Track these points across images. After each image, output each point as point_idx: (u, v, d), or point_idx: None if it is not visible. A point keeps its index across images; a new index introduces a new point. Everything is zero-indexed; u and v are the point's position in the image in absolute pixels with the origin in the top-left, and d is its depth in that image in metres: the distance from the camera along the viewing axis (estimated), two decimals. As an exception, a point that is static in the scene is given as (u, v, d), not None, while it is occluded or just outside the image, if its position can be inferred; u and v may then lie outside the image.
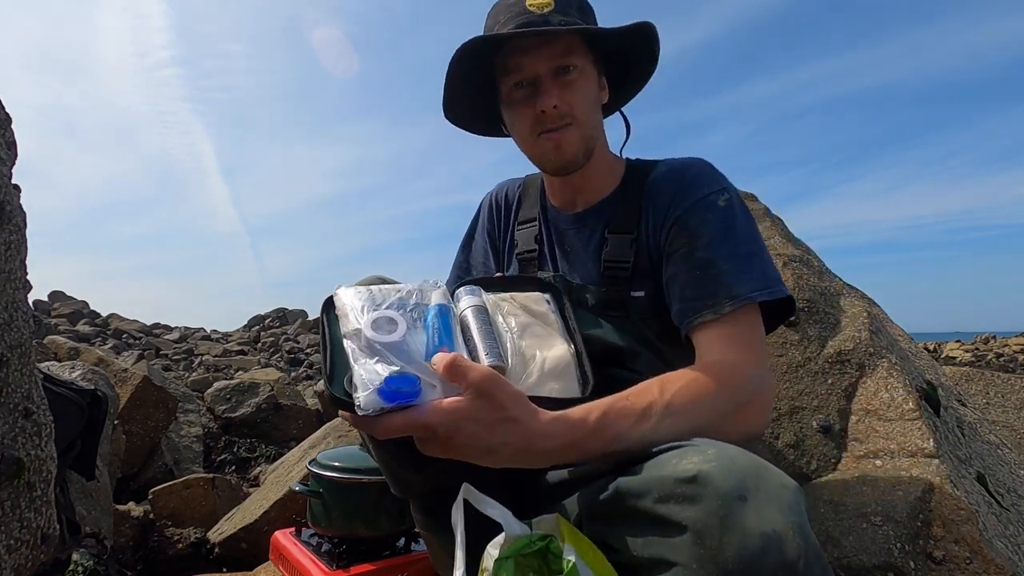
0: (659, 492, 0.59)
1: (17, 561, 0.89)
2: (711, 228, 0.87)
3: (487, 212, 1.18)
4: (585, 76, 0.93)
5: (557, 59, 0.91)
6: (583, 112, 0.93)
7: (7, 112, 1.02)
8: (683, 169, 0.95)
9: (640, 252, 0.94)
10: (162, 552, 1.75)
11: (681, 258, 0.88)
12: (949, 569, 0.99)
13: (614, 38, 0.94)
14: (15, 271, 0.96)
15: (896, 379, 1.27)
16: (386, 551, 1.22)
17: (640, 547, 0.61)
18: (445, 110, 1.02)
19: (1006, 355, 15.81)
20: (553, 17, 0.90)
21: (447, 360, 0.64)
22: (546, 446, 0.66)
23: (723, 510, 0.55)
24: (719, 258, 0.85)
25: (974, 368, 2.73)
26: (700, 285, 0.85)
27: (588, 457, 0.70)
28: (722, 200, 0.89)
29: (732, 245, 0.86)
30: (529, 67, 0.91)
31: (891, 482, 1.10)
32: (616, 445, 0.68)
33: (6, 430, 0.89)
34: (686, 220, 0.89)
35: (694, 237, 0.87)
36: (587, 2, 0.97)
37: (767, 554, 0.53)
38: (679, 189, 0.92)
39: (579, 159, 0.95)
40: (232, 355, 7.72)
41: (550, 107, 0.90)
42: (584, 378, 0.76)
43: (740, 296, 0.82)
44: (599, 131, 0.99)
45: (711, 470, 0.58)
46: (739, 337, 0.82)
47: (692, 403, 0.73)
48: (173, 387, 2.92)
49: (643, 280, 0.93)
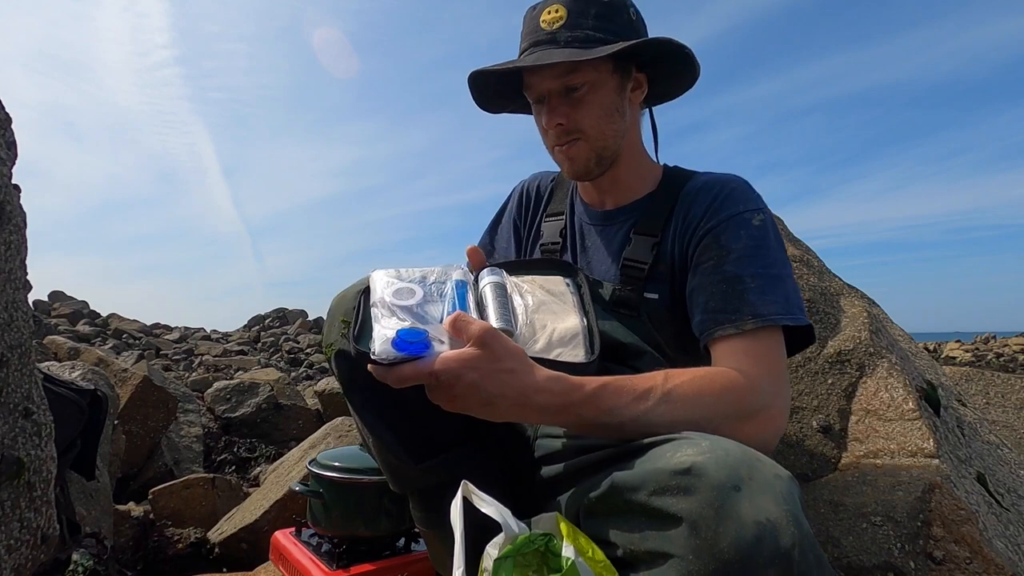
0: (654, 485, 0.60)
1: (17, 561, 0.89)
2: (742, 244, 0.87)
3: (517, 200, 1.20)
4: (597, 89, 0.92)
5: (561, 78, 0.91)
6: (592, 126, 0.93)
7: (7, 112, 1.02)
8: (722, 184, 0.94)
9: (661, 256, 0.94)
10: (162, 552, 1.75)
11: (709, 270, 0.87)
12: (949, 569, 0.99)
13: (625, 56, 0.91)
14: (15, 271, 0.96)
15: (896, 379, 1.27)
16: (386, 551, 1.22)
17: (637, 541, 0.61)
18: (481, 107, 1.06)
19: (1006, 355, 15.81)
20: (560, 34, 0.90)
21: (451, 317, 0.71)
22: (540, 401, 0.69)
23: (718, 500, 0.56)
24: (746, 275, 0.85)
25: (974, 368, 2.73)
26: (724, 299, 0.84)
27: (582, 424, 0.73)
28: (757, 219, 0.89)
29: (761, 265, 0.86)
30: (537, 86, 0.94)
31: (891, 482, 1.10)
32: (609, 418, 0.71)
33: (6, 430, 0.89)
34: (718, 233, 0.89)
35: (724, 251, 0.87)
36: (612, 5, 0.93)
37: (762, 543, 0.53)
38: (715, 202, 0.92)
39: (592, 170, 0.97)
40: (232, 355, 7.72)
41: (553, 126, 0.93)
42: (591, 349, 0.78)
43: (763, 316, 0.82)
44: (620, 138, 0.97)
45: (705, 461, 0.58)
46: (756, 352, 0.81)
47: (693, 396, 0.74)
48: (173, 387, 2.92)
49: (659, 283, 0.94)
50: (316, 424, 3.07)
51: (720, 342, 0.83)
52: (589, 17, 0.91)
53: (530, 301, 0.83)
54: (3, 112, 1.01)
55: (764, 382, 0.78)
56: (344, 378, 0.85)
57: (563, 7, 0.91)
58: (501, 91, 1.03)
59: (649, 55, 0.95)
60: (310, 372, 7.11)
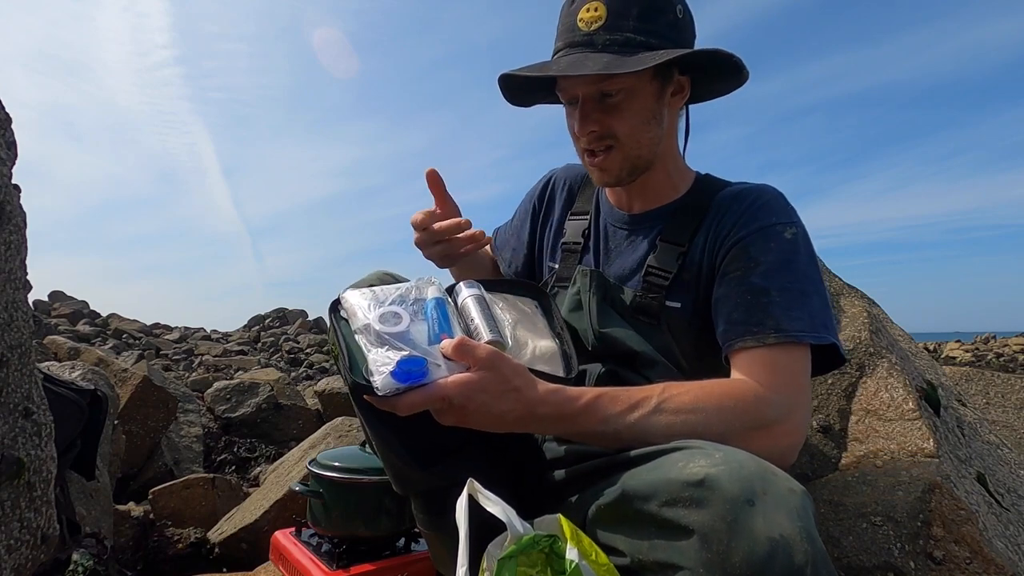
0: (666, 495, 0.59)
1: (17, 561, 0.89)
2: (771, 257, 0.85)
3: (542, 188, 1.18)
4: (634, 96, 0.88)
5: (596, 84, 0.88)
6: (627, 134, 0.90)
7: (7, 112, 1.02)
8: (756, 194, 0.92)
9: (687, 266, 0.92)
10: (162, 552, 1.75)
11: (735, 280, 0.85)
12: (949, 569, 0.99)
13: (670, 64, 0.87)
14: (15, 271, 0.96)
15: (896, 379, 1.27)
16: (386, 551, 1.22)
17: (646, 550, 0.61)
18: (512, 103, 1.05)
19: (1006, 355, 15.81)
20: (598, 36, 0.86)
21: (455, 342, 0.72)
22: (542, 412, 0.73)
23: (731, 515, 0.55)
24: (773, 288, 0.83)
25: (974, 368, 2.73)
26: (748, 311, 0.82)
27: (581, 432, 0.76)
28: (788, 232, 0.87)
29: (789, 279, 0.83)
30: (571, 89, 0.91)
31: (891, 482, 1.10)
32: (604, 426, 0.74)
33: (6, 430, 0.89)
34: (747, 244, 0.86)
35: (752, 262, 0.85)
36: (656, 4, 0.87)
37: (775, 559, 0.53)
38: (747, 212, 0.89)
39: (624, 178, 0.94)
40: (232, 355, 7.72)
41: (587, 133, 0.90)
42: (568, 367, 0.84)
43: (786, 331, 0.80)
44: (655, 144, 0.93)
45: (719, 474, 0.57)
46: (776, 365, 0.80)
47: (690, 406, 0.74)
48: (173, 387, 2.92)
49: (683, 293, 0.92)
50: (316, 424, 3.07)
51: (741, 353, 0.82)
52: (630, 18, 0.86)
53: (508, 317, 0.87)
54: (3, 112, 1.01)
55: (779, 395, 0.77)
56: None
57: (603, 5, 0.86)
58: (534, 85, 1.00)
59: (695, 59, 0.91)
60: (310, 372, 7.10)
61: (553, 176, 1.18)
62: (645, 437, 0.72)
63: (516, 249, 1.20)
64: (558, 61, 0.89)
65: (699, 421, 0.73)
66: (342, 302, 0.82)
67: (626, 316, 0.94)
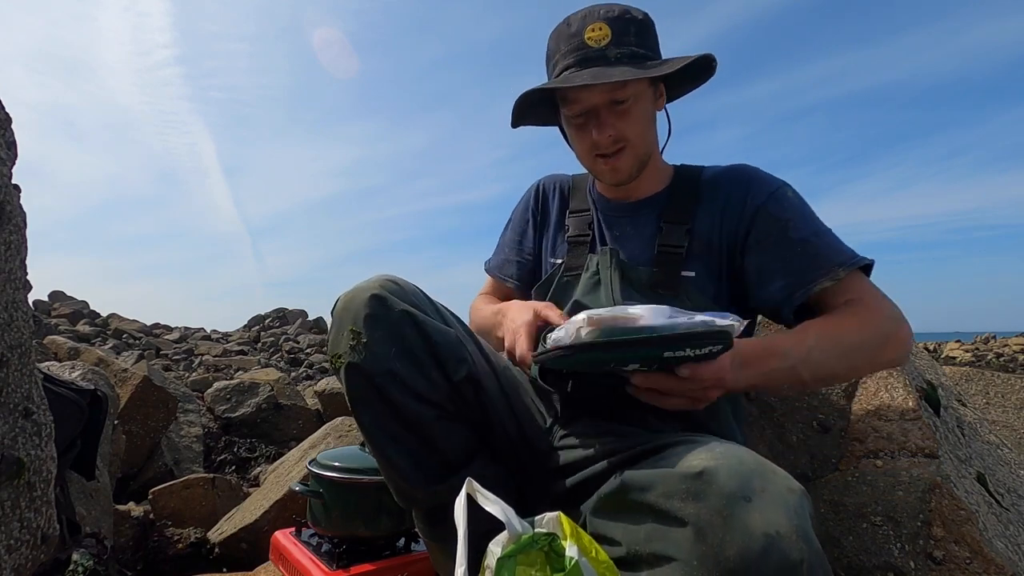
0: (664, 487, 0.59)
1: (17, 561, 0.89)
2: (794, 214, 0.96)
3: (534, 196, 1.23)
4: (640, 100, 0.98)
5: (612, 93, 0.96)
6: (637, 135, 0.99)
7: (7, 112, 1.02)
8: (743, 169, 1.04)
9: (695, 238, 1.01)
10: (162, 552, 1.75)
11: (775, 242, 0.95)
12: (949, 569, 0.99)
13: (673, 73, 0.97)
14: (15, 271, 0.96)
15: (896, 379, 1.27)
16: (386, 551, 1.22)
17: (642, 541, 0.61)
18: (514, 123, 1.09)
19: (1006, 355, 15.80)
20: (610, 51, 0.95)
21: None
22: (746, 351, 0.81)
23: (727, 509, 0.55)
24: (811, 236, 0.94)
25: (974, 368, 2.73)
26: (805, 259, 0.92)
27: (766, 375, 0.83)
28: (790, 192, 0.99)
29: (815, 227, 0.96)
30: (586, 100, 0.97)
31: (891, 482, 1.10)
32: (783, 361, 0.82)
33: (6, 430, 0.89)
34: (767, 209, 0.97)
35: (782, 223, 0.95)
36: (645, 23, 0.99)
37: (769, 555, 0.53)
38: (750, 185, 1.00)
39: (633, 175, 1.03)
40: (232, 355, 7.72)
41: (605, 138, 0.97)
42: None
43: (847, 264, 0.91)
44: (653, 143, 1.05)
45: (717, 468, 0.58)
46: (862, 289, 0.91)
47: (835, 332, 0.86)
48: (173, 387, 2.92)
49: (695, 263, 1.00)
50: (316, 424, 3.07)
51: (824, 295, 0.91)
52: (631, 35, 0.96)
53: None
54: (3, 112, 1.01)
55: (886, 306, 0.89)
56: (355, 395, 0.83)
57: (606, 25, 0.95)
58: (535, 104, 1.06)
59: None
60: (310, 372, 7.10)
61: (542, 183, 1.24)
62: (816, 369, 0.83)
63: (521, 262, 1.22)
64: (580, 74, 0.94)
65: (849, 342, 0.84)
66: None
67: (645, 292, 0.99)
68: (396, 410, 0.82)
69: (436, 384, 0.83)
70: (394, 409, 0.82)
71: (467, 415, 0.88)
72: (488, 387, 0.89)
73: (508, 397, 0.93)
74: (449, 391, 0.85)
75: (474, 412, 0.88)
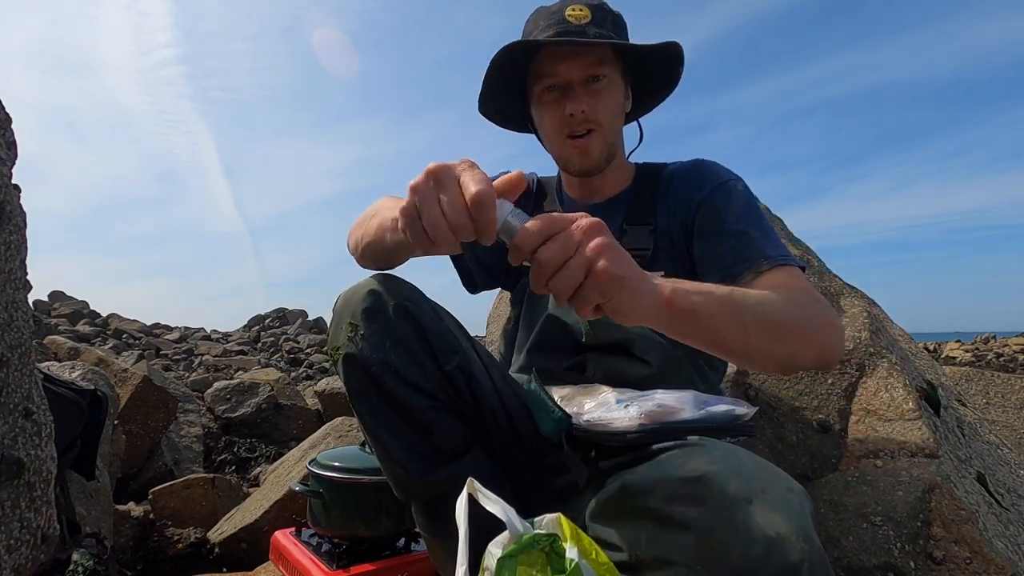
0: (665, 491, 0.59)
1: (17, 561, 0.89)
2: (737, 206, 0.96)
3: None
4: (613, 86, 1.00)
5: (589, 68, 0.97)
6: (608, 120, 1.00)
7: (7, 112, 1.02)
8: (699, 163, 1.05)
9: (658, 238, 1.01)
10: (162, 552, 1.75)
11: (714, 233, 0.95)
12: (949, 569, 0.99)
13: (643, 54, 1.00)
14: (15, 271, 0.96)
15: (896, 379, 1.27)
16: (386, 551, 1.22)
17: (643, 545, 0.61)
18: (480, 105, 1.09)
19: (1006, 355, 15.80)
20: (590, 29, 0.96)
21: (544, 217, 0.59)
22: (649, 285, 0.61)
23: (728, 512, 0.55)
24: (750, 228, 0.93)
25: (974, 368, 2.73)
26: (737, 251, 0.91)
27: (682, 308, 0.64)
28: (740, 185, 0.99)
29: (756, 221, 0.94)
30: (563, 73, 0.98)
31: (891, 482, 1.10)
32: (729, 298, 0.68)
33: (6, 430, 0.89)
34: (712, 201, 0.97)
35: (724, 214, 0.95)
36: (621, 18, 1.02)
37: (771, 557, 0.53)
38: (701, 176, 1.01)
39: (601, 164, 1.03)
40: (232, 355, 7.72)
41: (578, 111, 0.97)
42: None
43: (774, 258, 0.88)
44: (620, 138, 1.07)
45: (718, 471, 0.57)
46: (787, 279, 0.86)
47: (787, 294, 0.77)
48: (173, 387, 2.92)
49: (661, 263, 0.99)
50: (316, 424, 3.07)
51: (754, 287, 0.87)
52: (608, 23, 0.99)
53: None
54: (3, 112, 1.01)
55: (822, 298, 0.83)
56: (352, 385, 0.85)
57: (587, 8, 0.97)
58: (506, 86, 1.05)
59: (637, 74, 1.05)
60: (310, 372, 7.10)
61: None
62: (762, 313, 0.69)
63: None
64: (561, 40, 0.95)
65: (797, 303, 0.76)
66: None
67: None
68: (391, 400, 0.83)
69: (429, 374, 0.85)
70: (389, 399, 0.83)
71: (461, 408, 0.89)
72: (480, 380, 0.90)
73: (500, 394, 0.94)
74: (442, 380, 0.86)
75: (467, 405, 0.89)
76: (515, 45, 0.97)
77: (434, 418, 0.85)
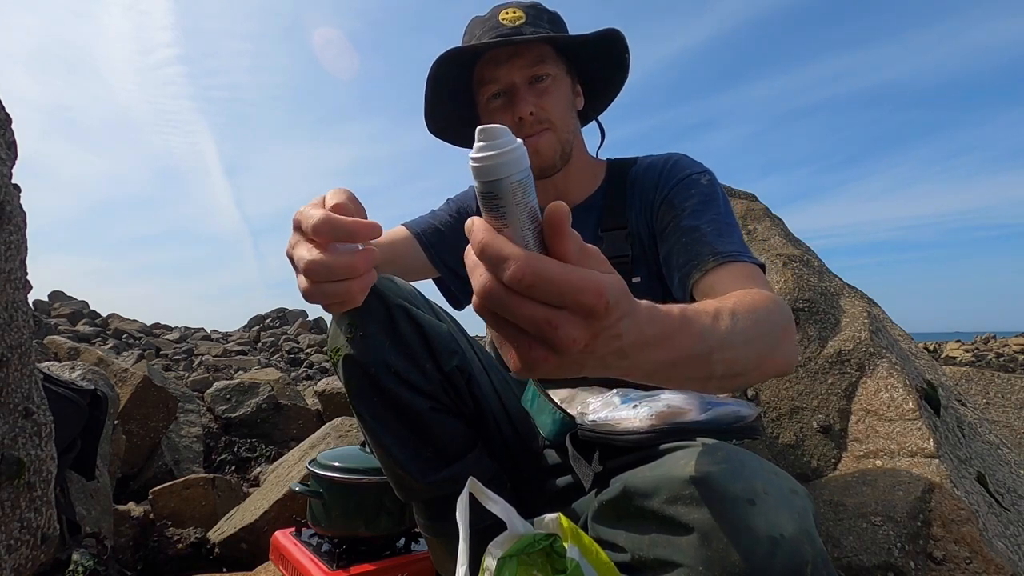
0: (667, 492, 0.59)
1: (17, 561, 0.89)
2: (694, 200, 0.92)
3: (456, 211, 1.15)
4: (559, 83, 0.98)
5: (531, 68, 0.96)
6: (559, 117, 0.97)
7: (7, 112, 1.02)
8: (666, 158, 1.01)
9: (635, 242, 0.98)
10: (162, 552, 1.75)
11: (671, 232, 0.92)
12: (949, 569, 0.99)
13: (582, 45, 0.98)
14: (15, 271, 0.96)
15: (896, 379, 1.27)
16: (386, 551, 1.22)
17: (646, 547, 0.61)
18: (427, 122, 1.06)
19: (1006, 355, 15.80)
20: (525, 29, 0.95)
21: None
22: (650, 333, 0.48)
23: (731, 513, 0.55)
24: (703, 223, 0.89)
25: (974, 368, 2.73)
26: (687, 250, 0.87)
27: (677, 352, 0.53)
28: (704, 179, 0.95)
29: (713, 214, 0.90)
30: (504, 78, 0.96)
31: (891, 482, 1.10)
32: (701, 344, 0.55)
33: (6, 430, 0.89)
34: (671, 198, 0.94)
35: (680, 211, 0.92)
36: (558, 15, 1.01)
37: (775, 559, 0.53)
38: (664, 172, 0.98)
39: (557, 162, 1.00)
40: (232, 355, 7.72)
41: (527, 113, 0.95)
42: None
43: (723, 253, 0.83)
44: (575, 134, 1.03)
45: (720, 472, 0.57)
46: (739, 277, 0.79)
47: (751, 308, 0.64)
48: (173, 387, 2.92)
49: (640, 266, 0.98)
50: (316, 424, 3.07)
51: (697, 288, 0.83)
52: (543, 22, 0.98)
53: None
54: (3, 112, 1.01)
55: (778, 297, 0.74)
56: (352, 386, 0.84)
57: (520, 9, 0.97)
58: (452, 101, 1.02)
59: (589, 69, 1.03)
60: (310, 372, 7.10)
61: (459, 203, 1.16)
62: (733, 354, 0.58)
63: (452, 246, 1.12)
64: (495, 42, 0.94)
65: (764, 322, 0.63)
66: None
67: None
68: (391, 400, 0.83)
69: (429, 375, 0.85)
70: (389, 399, 0.83)
71: (461, 409, 0.89)
72: (480, 381, 0.90)
73: (500, 395, 0.94)
74: (441, 381, 0.86)
75: (467, 406, 0.89)
76: (447, 56, 0.93)
77: (434, 419, 0.85)
